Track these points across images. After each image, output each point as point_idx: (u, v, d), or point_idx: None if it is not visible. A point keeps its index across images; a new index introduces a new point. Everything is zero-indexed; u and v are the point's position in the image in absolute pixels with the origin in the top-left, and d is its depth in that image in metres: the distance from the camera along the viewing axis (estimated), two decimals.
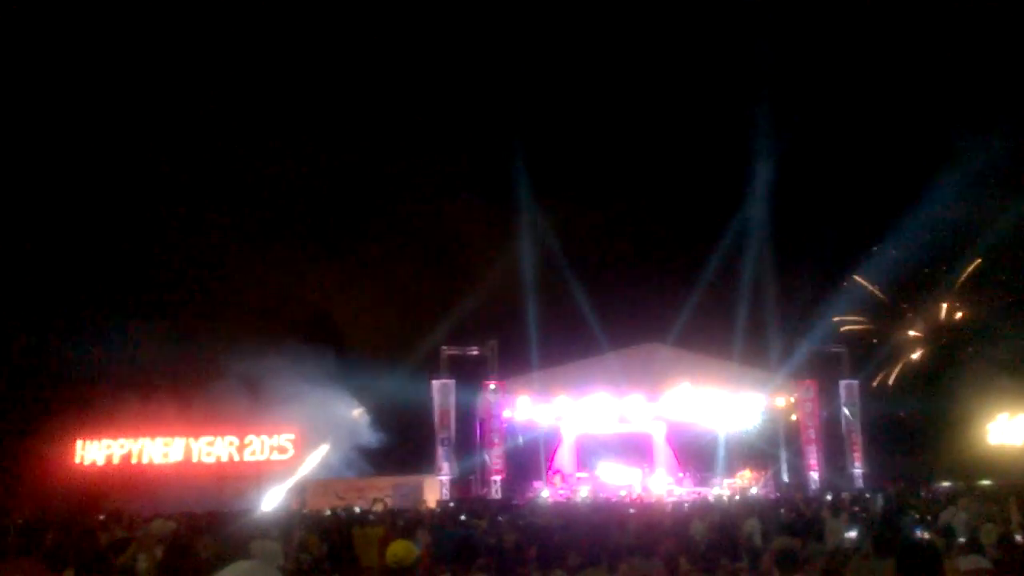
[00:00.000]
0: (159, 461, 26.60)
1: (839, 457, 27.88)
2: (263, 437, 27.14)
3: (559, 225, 36.31)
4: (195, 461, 26.68)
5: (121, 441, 26.63)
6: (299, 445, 27.20)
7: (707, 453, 31.04)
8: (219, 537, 8.03)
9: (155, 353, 30.46)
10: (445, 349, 26.49)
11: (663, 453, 30.15)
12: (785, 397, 27.87)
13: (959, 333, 39.42)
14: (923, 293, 40.81)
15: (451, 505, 21.09)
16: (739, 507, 16.32)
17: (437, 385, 25.76)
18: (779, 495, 23.92)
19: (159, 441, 26.75)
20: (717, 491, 25.88)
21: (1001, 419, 31.59)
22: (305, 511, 20.48)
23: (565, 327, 32.23)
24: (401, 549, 5.24)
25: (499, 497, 24.06)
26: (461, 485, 26.17)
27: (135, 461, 26.53)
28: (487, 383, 26.14)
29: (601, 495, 24.66)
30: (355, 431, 29.04)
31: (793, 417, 28.47)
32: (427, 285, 36.38)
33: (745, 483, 27.70)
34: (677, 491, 26.55)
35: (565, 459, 29.75)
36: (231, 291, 33.79)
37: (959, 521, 11.83)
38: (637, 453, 29.54)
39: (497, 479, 25.18)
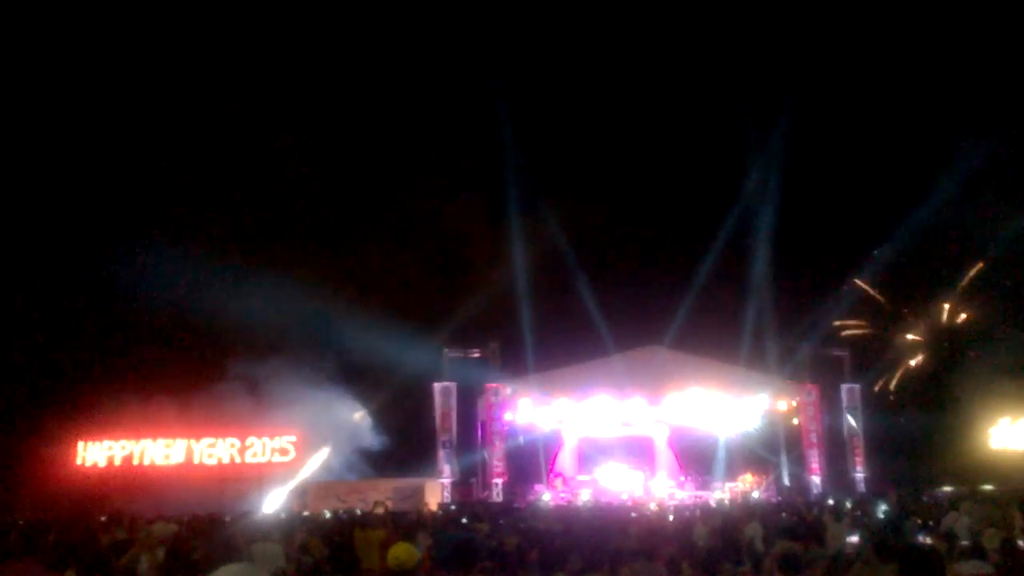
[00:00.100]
0: (160, 463, 26.62)
1: (840, 461, 27.83)
2: (264, 439, 27.15)
3: (561, 227, 36.27)
4: (196, 463, 26.69)
5: (122, 442, 26.65)
6: (300, 447, 27.21)
7: (708, 457, 31.01)
8: (210, 540, 8.03)
9: (156, 354, 30.54)
10: (447, 352, 26.51)
11: (664, 457, 30.10)
12: (787, 401, 27.81)
13: (961, 337, 39.29)
14: (925, 296, 40.76)
15: (452, 508, 21.07)
16: (740, 511, 16.29)
17: (439, 388, 25.76)
18: (780, 499, 23.87)
19: (160, 443, 26.76)
20: (718, 495, 25.84)
21: (1003, 423, 31.48)
22: (306, 513, 20.49)
23: (566, 330, 32.23)
24: (402, 552, 5.25)
25: (500, 500, 24.04)
26: (462, 488, 26.12)
27: (136, 462, 26.55)
28: (489, 386, 26.14)
29: (602, 499, 24.62)
30: (356, 433, 29.01)
31: (795, 421, 28.40)
32: (429, 287, 36.34)
33: (746, 487, 27.62)
34: (678, 495, 26.51)
35: (566, 462, 29.70)
36: (232, 292, 33.79)
37: (961, 526, 11.82)
38: (638, 456, 29.50)
39: (498, 482, 25.14)
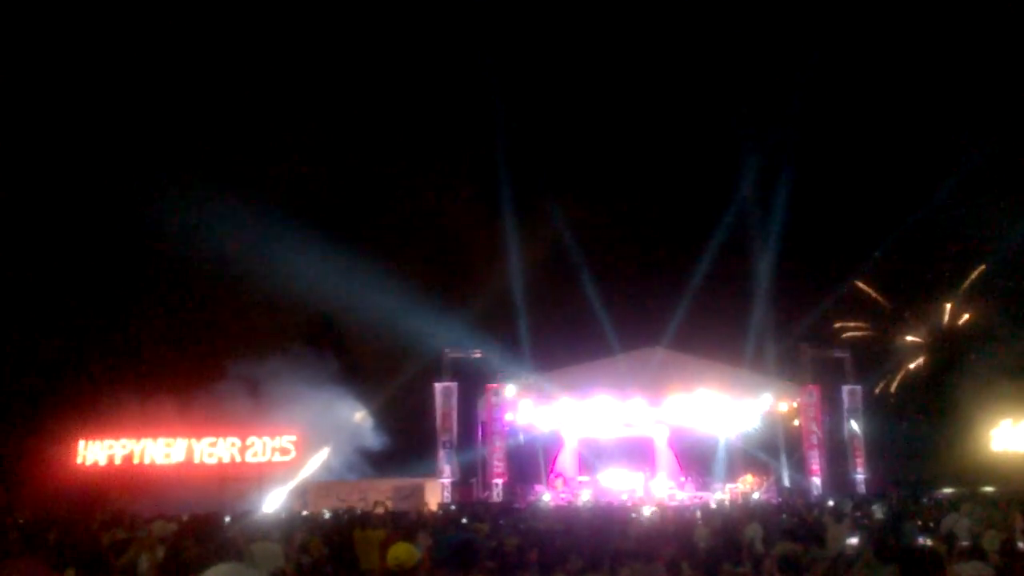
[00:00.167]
0: (161, 462, 26.58)
1: (841, 463, 27.79)
2: (265, 438, 27.09)
3: (562, 227, 36.33)
4: (197, 462, 26.64)
5: (123, 441, 26.60)
6: (301, 447, 27.17)
7: (709, 458, 30.97)
8: (202, 539, 8.03)
9: (156, 354, 30.54)
10: (447, 352, 26.52)
11: (665, 457, 30.08)
12: (787, 402, 27.77)
13: (962, 338, 39.29)
14: (926, 298, 40.74)
15: (452, 508, 21.08)
16: (741, 512, 16.28)
17: (439, 388, 25.77)
18: (781, 500, 23.84)
19: (161, 442, 26.72)
20: (719, 496, 25.82)
21: (1004, 425, 31.42)
22: (306, 513, 20.49)
23: (567, 330, 32.29)
24: (402, 552, 5.24)
25: (500, 500, 24.04)
26: (462, 488, 26.13)
27: (137, 462, 26.50)
28: (489, 386, 26.14)
29: (603, 499, 24.61)
30: (357, 433, 29.00)
31: (795, 422, 28.37)
32: (430, 288, 36.39)
33: (747, 488, 27.61)
34: (679, 496, 26.50)
35: (567, 463, 29.68)
36: (233, 292, 33.82)
37: (961, 527, 11.80)
38: (639, 457, 29.49)
39: (499, 482, 25.13)
